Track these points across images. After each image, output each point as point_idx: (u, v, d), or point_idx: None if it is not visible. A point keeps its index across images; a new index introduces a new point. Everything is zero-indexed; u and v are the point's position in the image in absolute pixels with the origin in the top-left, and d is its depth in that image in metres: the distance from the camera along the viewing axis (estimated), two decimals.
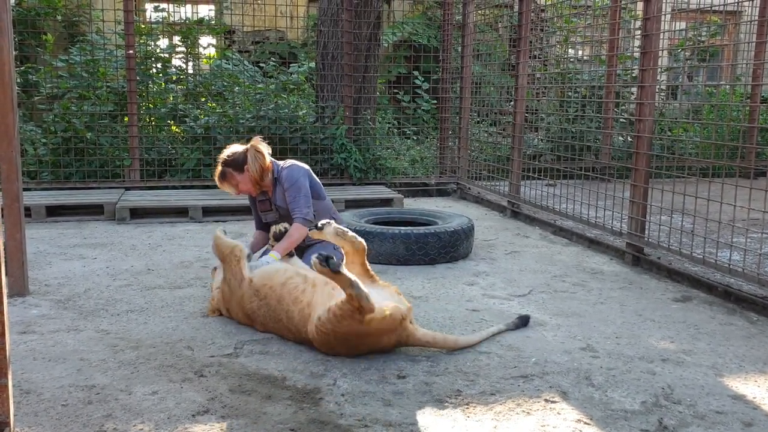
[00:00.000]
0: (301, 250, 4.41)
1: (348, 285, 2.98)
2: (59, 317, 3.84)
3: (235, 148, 4.33)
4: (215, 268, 4.11)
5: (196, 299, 4.21)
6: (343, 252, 3.38)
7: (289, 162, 4.40)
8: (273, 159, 4.36)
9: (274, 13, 9.35)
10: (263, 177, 4.27)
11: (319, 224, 3.41)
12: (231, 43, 11.15)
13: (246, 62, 9.99)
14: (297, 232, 4.09)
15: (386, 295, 3.29)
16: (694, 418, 2.77)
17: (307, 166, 4.42)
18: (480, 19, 10.08)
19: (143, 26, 9.04)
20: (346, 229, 3.38)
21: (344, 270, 3.00)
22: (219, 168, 4.27)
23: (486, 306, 4.18)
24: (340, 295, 3.09)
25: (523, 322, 3.79)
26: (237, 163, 4.23)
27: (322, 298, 3.28)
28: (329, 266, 2.95)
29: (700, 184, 4.95)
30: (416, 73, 10.58)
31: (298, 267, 3.78)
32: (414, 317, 3.43)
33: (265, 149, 4.30)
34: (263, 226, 4.50)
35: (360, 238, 3.37)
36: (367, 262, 3.39)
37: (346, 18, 8.18)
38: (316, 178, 4.46)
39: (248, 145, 4.28)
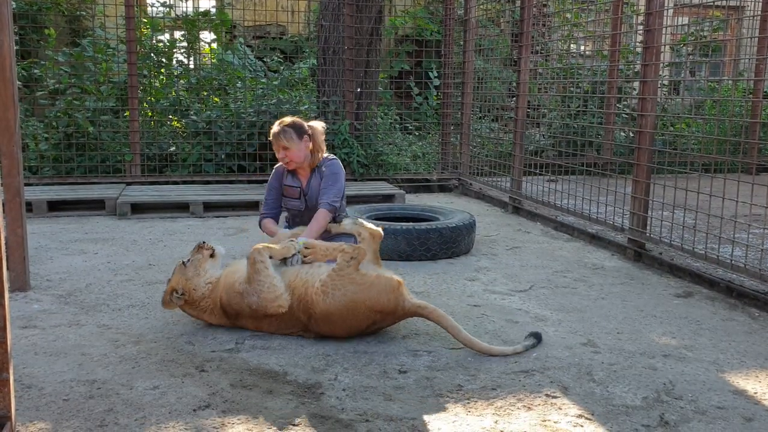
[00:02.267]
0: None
1: (337, 247, 3.47)
2: (60, 312, 3.85)
3: (296, 118, 4.39)
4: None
5: None
6: (360, 240, 3.63)
7: (332, 156, 4.51)
8: None
9: (275, 7, 9.34)
10: (317, 153, 4.37)
11: (338, 219, 3.99)
12: (233, 38, 11.14)
13: (251, 56, 9.98)
14: (323, 216, 4.25)
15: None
16: (696, 413, 2.76)
17: (334, 157, 4.55)
18: (482, 14, 10.06)
19: (146, 20, 9.03)
20: (362, 220, 3.76)
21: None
22: (277, 127, 4.27)
23: (487, 301, 4.18)
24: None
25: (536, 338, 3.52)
26: (299, 129, 4.27)
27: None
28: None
29: (702, 180, 4.93)
30: (433, 66, 10.54)
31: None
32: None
33: (322, 129, 4.42)
34: (276, 213, 4.54)
35: (377, 227, 3.70)
36: (377, 252, 3.67)
37: (347, 12, 8.16)
38: None
39: (310, 123, 4.38)
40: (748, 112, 9.91)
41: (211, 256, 3.63)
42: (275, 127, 4.28)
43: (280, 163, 4.49)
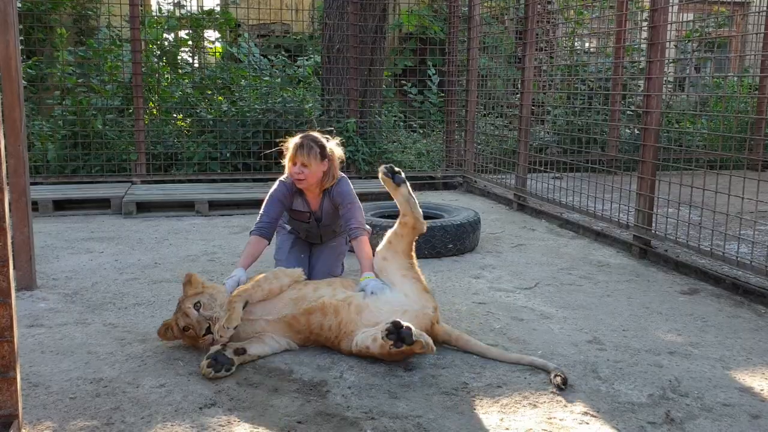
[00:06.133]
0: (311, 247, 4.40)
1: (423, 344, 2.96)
2: (67, 311, 3.86)
3: (318, 134, 4.01)
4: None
5: None
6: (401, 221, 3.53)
7: (340, 175, 4.09)
8: None
9: (280, 6, 9.34)
10: (328, 177, 3.99)
11: (397, 179, 3.59)
12: (237, 36, 11.15)
13: (255, 53, 9.99)
14: (367, 244, 3.88)
15: (414, 294, 3.33)
16: (702, 410, 2.76)
17: (343, 174, 4.15)
18: (486, 11, 10.04)
19: (157, 18, 9.05)
20: (416, 202, 3.56)
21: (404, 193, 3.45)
22: (302, 140, 3.88)
23: (492, 299, 4.18)
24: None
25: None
26: (322, 149, 3.92)
27: (351, 324, 3.23)
28: (394, 180, 3.48)
29: (708, 177, 4.92)
30: (430, 64, 10.55)
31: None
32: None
33: (340, 155, 4.06)
34: (270, 230, 3.96)
35: (423, 220, 3.54)
36: (413, 245, 3.54)
37: (351, 11, 8.17)
38: None
39: (328, 144, 4.00)
40: (754, 108, 9.87)
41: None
42: (300, 139, 3.89)
43: (286, 178, 4.00)
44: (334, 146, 4.03)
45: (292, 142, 3.92)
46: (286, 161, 3.96)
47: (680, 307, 4.09)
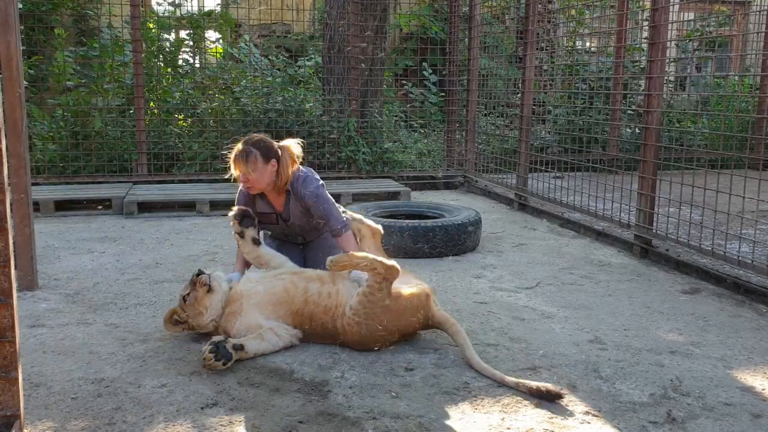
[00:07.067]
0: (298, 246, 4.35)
1: (363, 259, 3.15)
2: (68, 311, 3.86)
3: (264, 136, 3.87)
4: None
5: None
6: (359, 238, 3.77)
7: (302, 173, 3.91)
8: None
9: (281, 6, 9.34)
10: (282, 176, 3.83)
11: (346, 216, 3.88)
12: (237, 36, 11.15)
13: (256, 53, 10.00)
14: (351, 240, 3.81)
15: (405, 280, 3.34)
16: (703, 410, 2.76)
17: (314, 172, 4.03)
18: (487, 11, 10.04)
19: (151, 22, 9.04)
20: (361, 216, 3.81)
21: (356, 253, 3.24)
22: (242, 146, 3.74)
23: (493, 298, 4.18)
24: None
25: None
26: (266, 151, 3.76)
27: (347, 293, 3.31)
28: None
29: (709, 176, 4.92)
30: (425, 65, 10.56)
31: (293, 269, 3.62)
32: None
33: (297, 152, 3.89)
34: None
35: (376, 224, 3.80)
36: (381, 248, 3.73)
37: (352, 11, 8.17)
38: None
39: (282, 143, 3.87)
40: (755, 108, 9.87)
41: (209, 291, 3.37)
42: (239, 145, 3.75)
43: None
44: (289, 144, 3.88)
45: (234, 152, 3.77)
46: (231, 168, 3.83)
47: (681, 306, 4.09)
